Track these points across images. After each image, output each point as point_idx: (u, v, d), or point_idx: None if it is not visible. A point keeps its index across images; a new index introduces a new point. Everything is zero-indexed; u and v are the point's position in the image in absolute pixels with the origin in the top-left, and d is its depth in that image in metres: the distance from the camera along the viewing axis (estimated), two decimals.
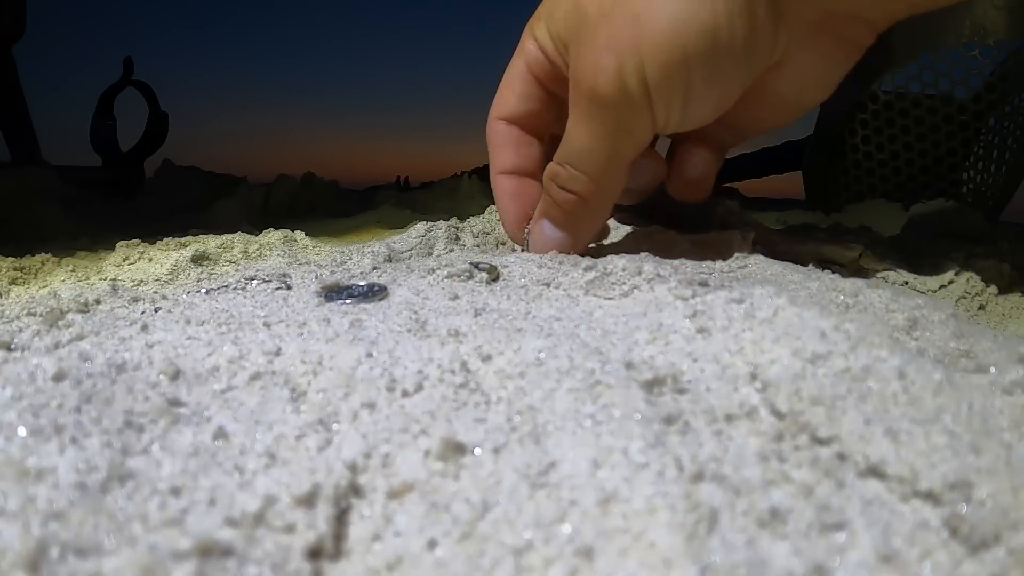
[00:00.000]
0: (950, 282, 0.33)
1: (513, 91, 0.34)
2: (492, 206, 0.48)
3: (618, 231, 0.38)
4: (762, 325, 0.17)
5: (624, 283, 0.24)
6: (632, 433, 0.13)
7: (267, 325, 0.20)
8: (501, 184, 0.34)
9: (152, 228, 0.55)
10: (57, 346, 0.19)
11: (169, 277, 0.33)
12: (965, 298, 0.33)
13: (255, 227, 0.47)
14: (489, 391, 0.16)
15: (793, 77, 0.29)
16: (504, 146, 0.34)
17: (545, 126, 0.34)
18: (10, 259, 0.35)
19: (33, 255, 0.37)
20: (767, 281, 0.27)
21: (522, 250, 0.33)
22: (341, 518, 0.12)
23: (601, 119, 0.27)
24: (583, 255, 0.30)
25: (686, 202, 0.35)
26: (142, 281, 0.33)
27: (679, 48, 0.25)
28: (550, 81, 0.32)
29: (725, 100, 0.28)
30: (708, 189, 0.35)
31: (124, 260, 0.37)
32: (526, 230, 0.33)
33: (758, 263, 0.30)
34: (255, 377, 0.16)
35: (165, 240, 0.39)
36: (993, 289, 0.33)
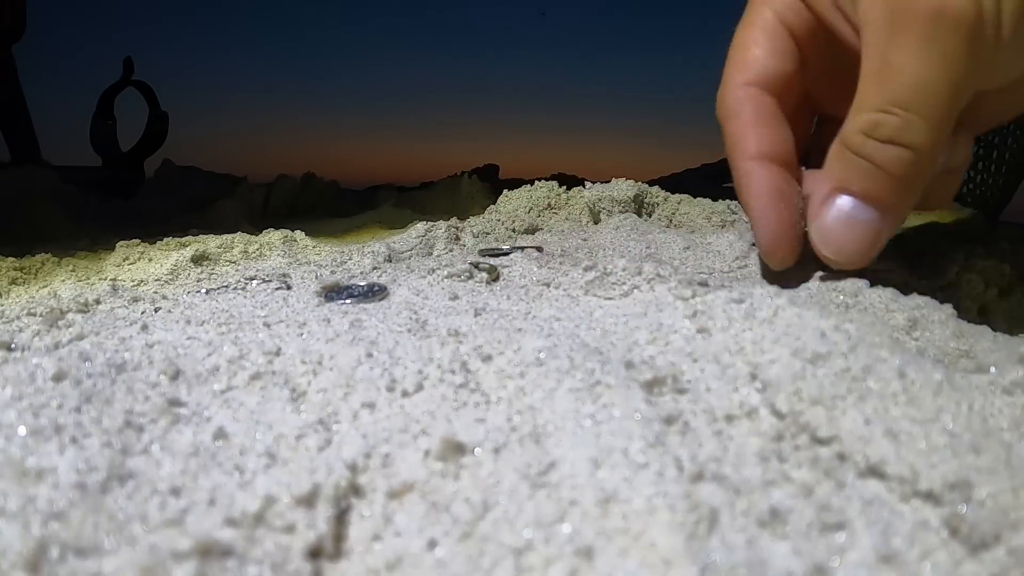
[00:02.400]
0: (950, 282, 0.33)
1: (763, 48, 0.26)
2: (492, 206, 0.48)
3: (618, 231, 0.38)
4: (762, 325, 0.17)
5: (624, 283, 0.24)
6: (632, 433, 0.13)
7: (267, 325, 0.20)
8: (758, 176, 0.25)
9: (152, 228, 0.55)
10: (57, 346, 0.19)
11: (169, 277, 0.33)
12: (965, 298, 0.33)
13: (255, 227, 0.47)
14: (489, 391, 0.15)
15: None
16: (759, 122, 0.25)
17: (796, 99, 0.26)
18: (10, 259, 0.35)
19: (33, 255, 0.37)
20: (767, 281, 0.27)
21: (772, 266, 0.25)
22: (341, 518, 0.12)
23: (951, 44, 0.21)
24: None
25: (932, 206, 0.28)
26: (142, 281, 0.33)
27: None
28: (807, 38, 0.25)
29: None
30: (958, 184, 0.28)
31: (124, 260, 0.37)
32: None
33: (758, 263, 0.30)
34: (255, 377, 0.16)
35: (165, 240, 0.39)
36: (993, 289, 0.33)
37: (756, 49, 0.26)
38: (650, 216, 0.47)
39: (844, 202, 0.23)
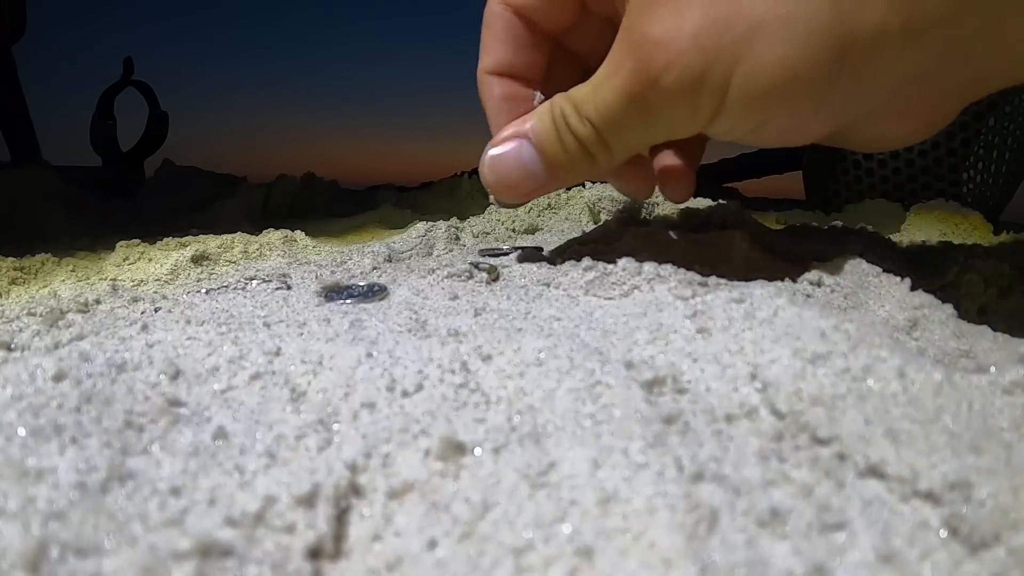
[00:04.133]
0: (950, 282, 0.33)
1: None
2: (492, 206, 0.48)
3: (618, 231, 0.38)
4: (762, 325, 0.17)
5: (624, 283, 0.24)
6: (632, 433, 0.13)
7: (267, 325, 0.20)
8: (488, 86, 0.28)
9: (152, 228, 0.55)
10: (57, 346, 0.19)
11: (169, 277, 0.33)
12: (965, 298, 0.33)
13: (255, 227, 0.46)
14: (489, 391, 0.15)
15: (873, 132, 0.25)
16: (502, 39, 0.28)
17: (568, 21, 0.28)
18: (10, 259, 0.35)
19: (33, 255, 0.37)
20: (767, 281, 0.27)
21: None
22: (341, 518, 0.12)
23: (648, 105, 0.23)
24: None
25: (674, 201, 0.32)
26: (142, 281, 0.33)
27: (786, 76, 0.21)
28: None
29: (797, 140, 0.24)
30: (690, 189, 0.31)
31: (124, 260, 0.37)
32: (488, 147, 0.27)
33: (758, 263, 0.30)
34: (255, 377, 0.16)
35: (165, 240, 0.39)
36: (993, 289, 0.33)
37: None
38: (650, 216, 0.47)
39: (525, 149, 0.26)
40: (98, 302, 0.25)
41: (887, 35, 0.20)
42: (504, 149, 0.26)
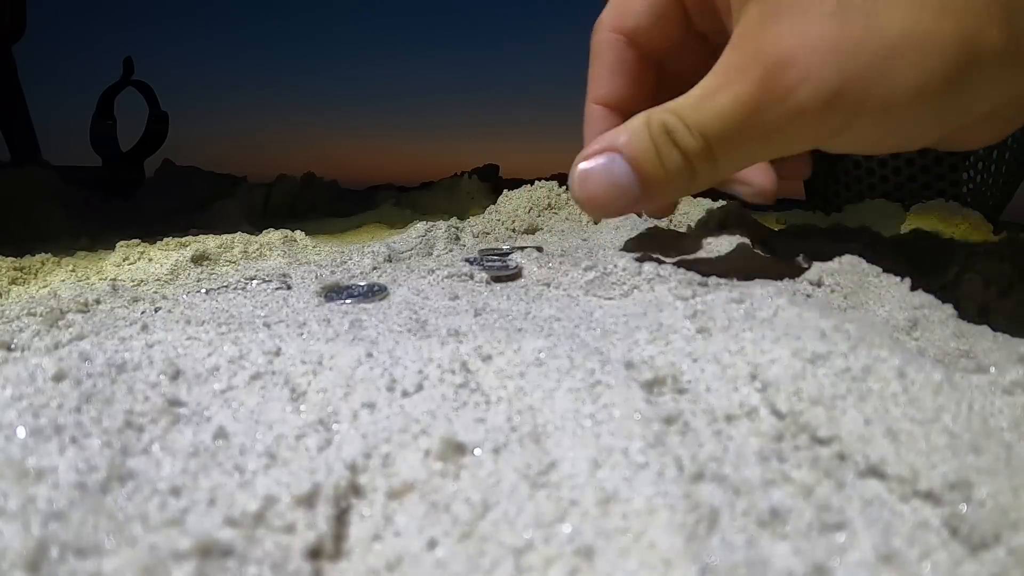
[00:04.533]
0: (950, 282, 0.33)
1: (643, 3, 0.27)
2: (492, 206, 0.48)
3: (618, 231, 0.38)
4: (762, 325, 0.17)
5: (624, 283, 0.24)
6: (632, 433, 0.13)
7: (267, 325, 0.20)
8: (595, 118, 0.28)
9: (152, 228, 0.55)
10: (57, 346, 0.19)
11: (169, 277, 0.33)
12: (965, 298, 0.33)
13: (255, 227, 0.46)
14: (489, 391, 0.15)
15: (973, 138, 0.25)
16: (615, 69, 0.27)
17: (674, 40, 0.27)
18: (10, 259, 0.35)
19: (33, 255, 0.37)
20: (767, 281, 0.27)
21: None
22: (341, 518, 0.12)
23: (769, 119, 0.22)
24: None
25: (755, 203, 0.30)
26: (142, 281, 0.33)
27: (921, 93, 0.21)
28: (697, 6, 0.27)
29: (908, 145, 0.24)
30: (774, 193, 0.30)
31: (124, 260, 0.37)
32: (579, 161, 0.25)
33: (758, 263, 0.30)
34: (255, 377, 0.16)
35: (165, 240, 0.39)
36: (993, 289, 0.33)
37: (637, 4, 0.27)
38: (651, 216, 0.47)
39: (618, 162, 0.24)
40: (98, 302, 0.25)
41: (1006, 54, 0.21)
42: (593, 164, 0.25)
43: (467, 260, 0.30)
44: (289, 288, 0.28)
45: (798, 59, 0.21)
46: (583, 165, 0.25)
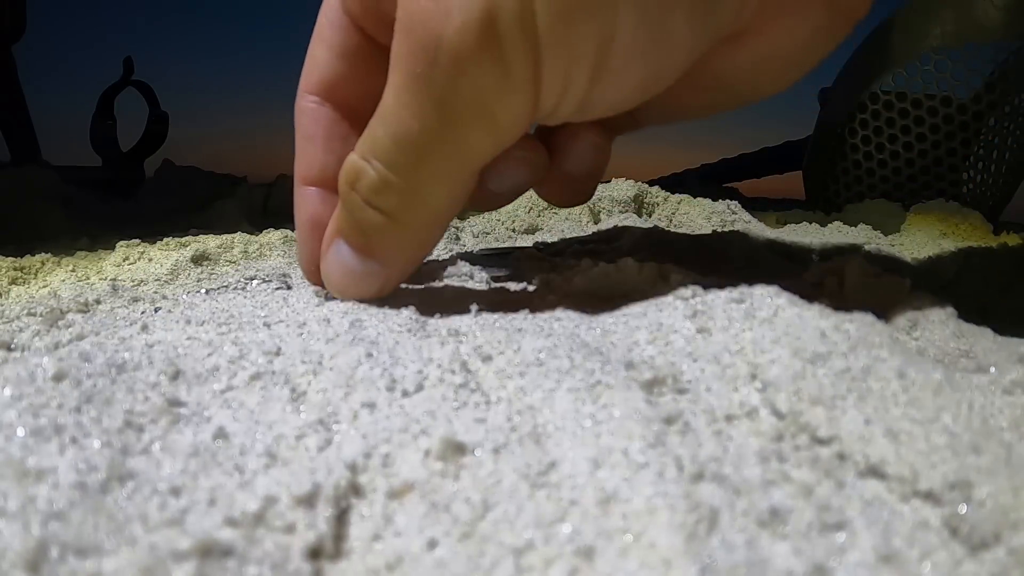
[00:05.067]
0: (950, 282, 0.33)
1: (325, 45, 0.22)
2: None
3: (618, 231, 0.38)
4: (762, 325, 0.17)
5: (624, 283, 0.24)
6: (632, 433, 0.13)
7: (267, 325, 0.20)
8: (300, 202, 0.23)
9: (152, 228, 0.55)
10: (57, 346, 0.19)
11: (169, 277, 0.33)
12: (965, 298, 0.33)
13: (255, 227, 0.46)
14: (489, 391, 0.16)
15: (759, 52, 0.20)
16: (309, 138, 0.22)
17: (369, 99, 0.20)
18: (10, 259, 0.35)
19: (33, 255, 0.37)
20: (767, 281, 0.27)
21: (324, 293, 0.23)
22: (341, 518, 0.12)
23: (441, 90, 0.17)
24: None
25: (562, 205, 0.26)
26: (142, 281, 0.33)
27: None
28: (375, 24, 0.21)
29: (659, 76, 0.18)
30: (591, 190, 0.25)
31: (124, 260, 0.37)
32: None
33: (758, 263, 0.30)
34: (255, 377, 0.16)
35: (165, 240, 0.39)
36: (993, 289, 0.33)
37: (319, 48, 0.22)
38: (650, 216, 0.47)
39: (343, 250, 0.20)
40: (98, 302, 0.25)
41: None
42: (327, 259, 0.21)
43: (467, 260, 0.30)
44: (289, 288, 0.28)
45: (439, 2, 0.16)
46: (322, 265, 0.21)
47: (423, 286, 0.26)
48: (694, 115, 0.23)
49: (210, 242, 0.38)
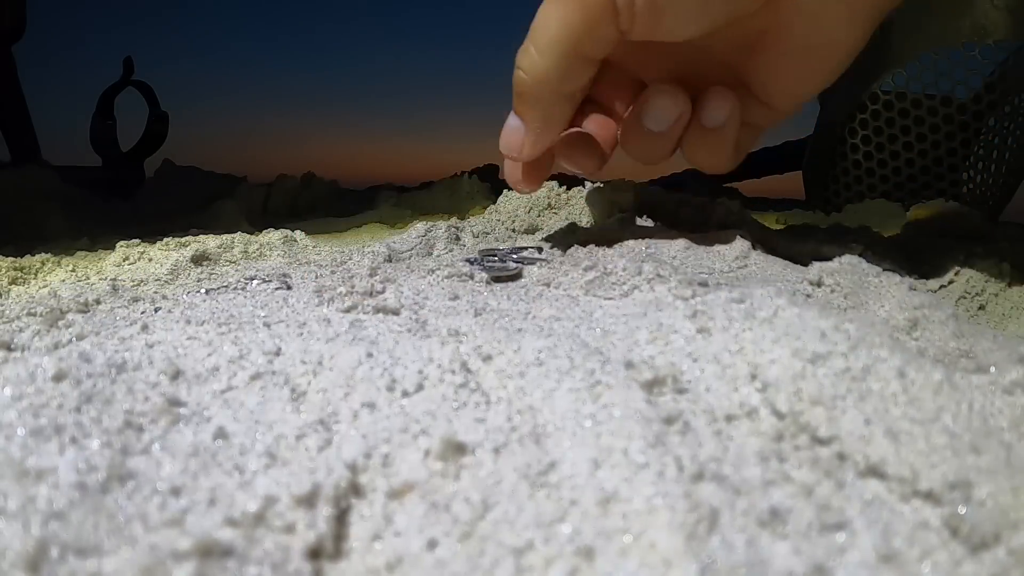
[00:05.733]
0: (950, 282, 0.33)
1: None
2: (492, 206, 0.48)
3: (618, 231, 0.38)
4: (762, 325, 0.17)
5: (624, 283, 0.24)
6: (632, 433, 0.13)
7: (267, 325, 0.20)
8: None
9: (152, 228, 0.55)
10: (57, 346, 0.19)
11: (169, 277, 0.33)
12: (965, 298, 0.33)
13: (255, 227, 0.46)
14: (489, 391, 0.15)
15: (816, 9, 0.25)
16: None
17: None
18: (10, 259, 0.35)
19: (33, 255, 0.37)
20: (767, 281, 0.27)
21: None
22: (341, 518, 0.12)
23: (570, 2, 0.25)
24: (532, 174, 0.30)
25: (701, 167, 0.31)
26: (142, 281, 0.33)
27: None
28: None
29: (714, 8, 0.25)
30: (727, 154, 0.30)
31: (124, 260, 0.37)
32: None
33: (758, 263, 0.30)
34: (255, 377, 0.16)
35: (165, 240, 0.39)
36: (993, 289, 0.33)
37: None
38: (650, 216, 0.47)
39: (510, 117, 0.29)
40: (98, 302, 0.25)
41: None
42: (504, 128, 0.29)
43: (467, 260, 0.30)
44: (289, 288, 0.28)
45: None
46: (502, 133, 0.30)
47: (423, 286, 0.26)
48: (803, 88, 0.29)
49: (210, 242, 0.38)
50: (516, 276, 0.28)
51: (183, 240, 0.40)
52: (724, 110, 0.28)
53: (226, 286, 0.28)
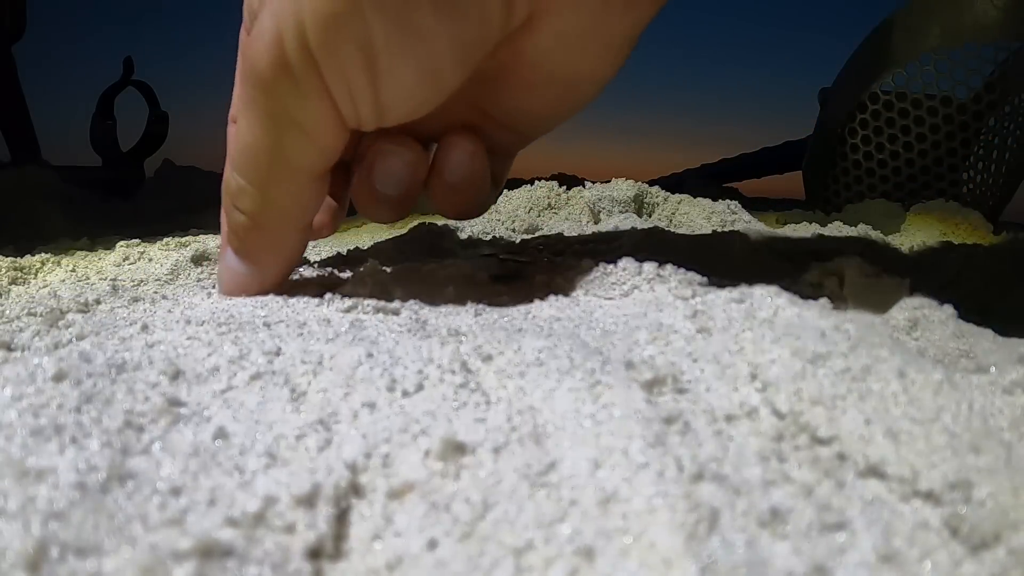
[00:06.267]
0: (950, 282, 0.33)
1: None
2: (492, 206, 0.48)
3: (617, 232, 0.38)
4: (762, 325, 0.17)
5: (624, 283, 0.24)
6: (632, 433, 0.13)
7: (267, 325, 0.20)
8: None
9: (152, 228, 0.55)
10: (57, 346, 0.19)
11: (169, 277, 0.33)
12: (965, 298, 0.33)
13: None
14: (489, 391, 0.16)
15: (555, 30, 0.21)
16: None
17: None
18: (10, 259, 0.35)
19: (33, 255, 0.37)
20: (767, 281, 0.27)
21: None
22: (341, 518, 0.12)
23: (263, 108, 0.20)
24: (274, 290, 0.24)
25: (453, 217, 0.28)
26: (142, 281, 0.33)
27: None
28: None
29: (438, 77, 0.20)
30: (479, 202, 0.26)
31: (124, 260, 0.37)
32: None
33: (758, 263, 0.30)
34: (255, 377, 0.16)
35: (165, 240, 0.39)
36: (993, 289, 0.33)
37: None
38: (650, 216, 0.47)
39: (228, 255, 0.24)
40: (98, 302, 0.25)
41: None
42: (220, 262, 0.25)
43: (467, 260, 0.30)
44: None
45: (249, 36, 0.20)
46: (218, 270, 0.26)
47: (423, 286, 0.26)
48: (552, 116, 0.25)
49: (210, 242, 0.38)
50: (516, 276, 0.28)
51: (183, 240, 0.40)
52: (465, 164, 0.25)
53: None
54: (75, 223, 0.61)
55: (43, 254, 0.37)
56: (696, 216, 0.47)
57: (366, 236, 0.56)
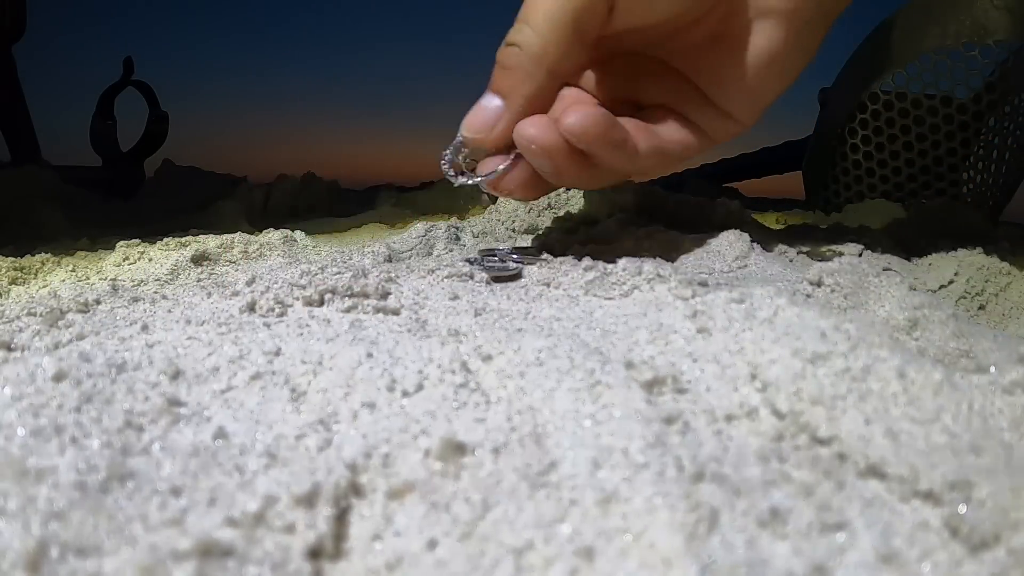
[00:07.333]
0: (950, 282, 0.33)
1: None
2: (492, 206, 0.48)
3: (618, 231, 0.38)
4: (762, 325, 0.17)
5: (624, 283, 0.24)
6: (632, 433, 0.13)
7: (267, 325, 0.20)
8: None
9: (152, 228, 0.55)
10: (57, 346, 0.19)
11: (169, 277, 0.33)
12: (965, 298, 0.33)
13: (255, 227, 0.46)
14: (489, 391, 0.15)
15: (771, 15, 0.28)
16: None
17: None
18: (10, 259, 0.35)
19: (33, 255, 0.37)
20: (767, 281, 0.27)
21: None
22: (341, 518, 0.12)
23: None
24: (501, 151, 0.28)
25: (656, 176, 0.33)
26: (142, 281, 0.33)
27: None
28: None
29: None
30: (661, 174, 0.33)
31: (124, 260, 0.37)
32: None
33: (758, 263, 0.30)
34: (255, 377, 0.16)
35: (165, 240, 0.39)
36: (993, 289, 0.33)
37: None
38: (650, 216, 0.47)
39: (485, 96, 0.29)
40: (98, 302, 0.25)
41: None
42: (472, 110, 0.29)
43: (467, 260, 0.30)
44: None
45: None
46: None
47: (423, 286, 0.26)
48: (760, 93, 0.30)
49: (210, 242, 0.38)
50: (516, 276, 0.28)
51: (183, 240, 0.40)
52: (686, 147, 0.30)
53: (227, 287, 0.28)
54: (75, 223, 0.61)
55: (43, 254, 0.37)
56: (696, 216, 0.47)
57: (366, 236, 0.56)
